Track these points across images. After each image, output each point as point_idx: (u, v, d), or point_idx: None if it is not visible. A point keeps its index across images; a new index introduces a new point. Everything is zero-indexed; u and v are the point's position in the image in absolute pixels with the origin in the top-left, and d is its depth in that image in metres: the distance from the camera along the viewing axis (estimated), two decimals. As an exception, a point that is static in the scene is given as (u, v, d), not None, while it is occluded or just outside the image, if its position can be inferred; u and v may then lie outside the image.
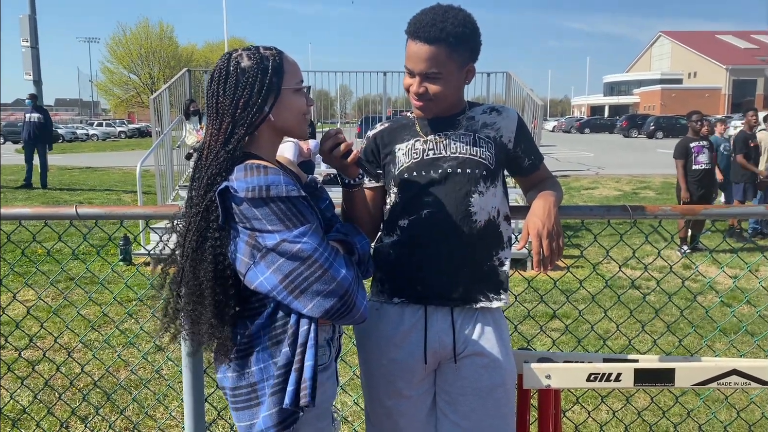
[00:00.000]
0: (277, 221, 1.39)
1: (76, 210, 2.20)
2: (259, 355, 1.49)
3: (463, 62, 1.73)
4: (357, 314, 1.48)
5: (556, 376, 2.04)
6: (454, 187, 1.76)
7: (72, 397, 3.59)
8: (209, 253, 1.45)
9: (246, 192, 1.38)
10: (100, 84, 57.39)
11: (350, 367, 3.85)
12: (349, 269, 1.46)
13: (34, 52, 16.67)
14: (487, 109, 1.89)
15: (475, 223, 1.76)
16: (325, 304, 1.42)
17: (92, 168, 19.12)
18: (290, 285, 1.41)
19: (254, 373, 1.49)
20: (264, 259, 1.41)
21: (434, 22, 1.66)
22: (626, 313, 4.96)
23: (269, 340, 1.49)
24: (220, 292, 1.47)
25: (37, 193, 12.49)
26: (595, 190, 13.32)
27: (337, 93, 14.09)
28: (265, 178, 1.39)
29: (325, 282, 1.41)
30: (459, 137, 1.81)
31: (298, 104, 1.55)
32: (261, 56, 1.51)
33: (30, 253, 6.16)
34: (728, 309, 5.21)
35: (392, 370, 1.81)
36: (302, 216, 1.42)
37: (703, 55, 61.58)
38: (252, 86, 1.48)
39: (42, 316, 4.81)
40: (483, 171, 1.78)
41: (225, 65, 1.51)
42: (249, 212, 1.40)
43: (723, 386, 2.12)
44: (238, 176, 1.40)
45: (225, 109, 1.49)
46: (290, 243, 1.39)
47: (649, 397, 3.47)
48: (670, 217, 2.34)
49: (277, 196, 1.39)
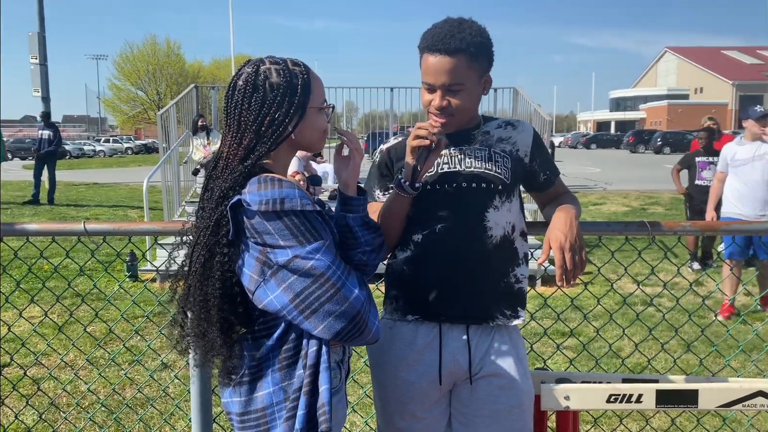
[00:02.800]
0: (290, 236, 1.35)
1: (84, 226, 2.17)
2: (268, 379, 1.43)
3: (482, 72, 1.72)
4: (369, 335, 1.43)
5: (575, 398, 1.98)
6: (469, 203, 1.74)
7: (77, 416, 3.53)
8: (217, 269, 1.40)
9: (260, 205, 1.34)
10: (108, 100, 57.91)
11: (360, 387, 3.78)
12: (362, 289, 1.41)
13: (42, 69, 16.81)
14: (502, 123, 1.86)
15: (490, 239, 1.74)
16: (336, 326, 1.36)
17: (99, 184, 19.19)
18: (301, 304, 1.35)
19: (264, 397, 1.43)
20: (275, 276, 1.36)
21: (453, 34, 1.64)
22: (640, 330, 4.88)
23: (279, 363, 1.43)
24: (228, 309, 1.42)
25: (43, 209, 12.51)
26: (603, 206, 13.25)
27: (343, 109, 14.15)
28: (280, 191, 1.35)
29: (337, 302, 1.36)
30: (474, 152, 1.78)
31: (320, 123, 1.53)
32: (291, 73, 1.47)
33: (35, 269, 6.14)
34: (742, 326, 5.13)
35: (406, 392, 1.77)
36: (316, 231, 1.37)
37: (709, 71, 61.67)
38: (280, 105, 1.44)
39: (47, 333, 4.77)
40: (498, 186, 1.75)
41: (253, 79, 1.45)
42: (261, 226, 1.35)
43: (748, 408, 2.05)
44: (252, 189, 1.36)
45: (248, 125, 1.44)
46: (302, 259, 1.34)
47: (669, 418, 3.39)
48: (689, 233, 2.29)
49: (291, 210, 1.35)
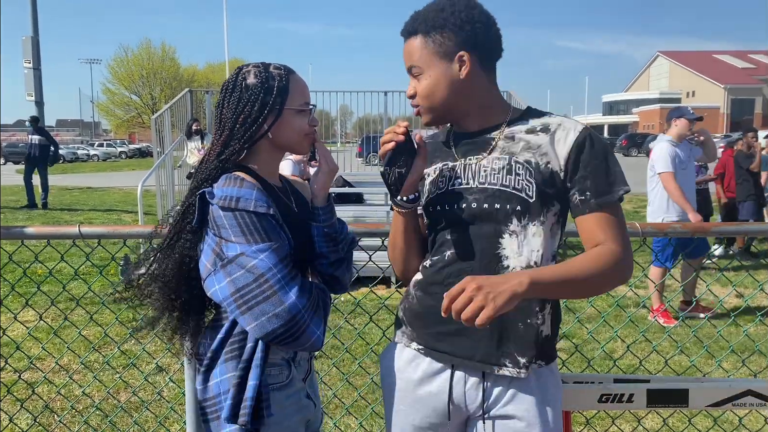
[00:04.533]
0: (240, 233, 1.43)
1: (79, 229, 2.18)
2: (216, 370, 1.53)
3: (444, 50, 1.47)
4: (306, 343, 1.47)
5: (568, 398, 2.00)
6: (482, 226, 1.48)
7: (71, 419, 3.53)
8: (177, 251, 1.53)
9: (219, 199, 1.44)
10: (101, 105, 57.77)
11: (355, 389, 3.79)
12: (302, 296, 1.45)
13: (36, 74, 16.79)
14: (537, 126, 1.51)
15: (506, 270, 1.46)
16: (268, 326, 1.42)
17: (92, 188, 19.13)
18: (240, 299, 1.43)
19: (213, 387, 1.54)
20: (224, 268, 1.44)
21: (416, 15, 1.51)
22: (632, 332, 4.91)
23: (226, 354, 1.52)
24: (185, 290, 1.56)
25: (37, 213, 12.47)
26: (597, 209, 13.28)
27: (337, 113, 14.14)
28: (238, 190, 1.45)
29: (272, 303, 1.41)
30: (492, 162, 1.50)
31: (299, 125, 1.58)
32: (268, 75, 1.55)
33: (29, 273, 6.12)
34: (733, 328, 5.17)
35: (414, 417, 1.59)
36: (265, 233, 1.44)
37: (701, 75, 61.99)
38: (253, 104, 1.53)
39: (41, 337, 4.76)
40: (517, 206, 1.45)
41: (233, 79, 1.57)
42: (219, 219, 1.45)
43: (738, 407, 2.08)
44: (219, 184, 1.47)
45: (225, 122, 1.55)
46: (248, 257, 1.42)
47: (660, 418, 3.41)
48: (680, 235, 2.32)
49: (244, 209, 1.43)
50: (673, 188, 5.19)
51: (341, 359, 4.31)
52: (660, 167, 5.26)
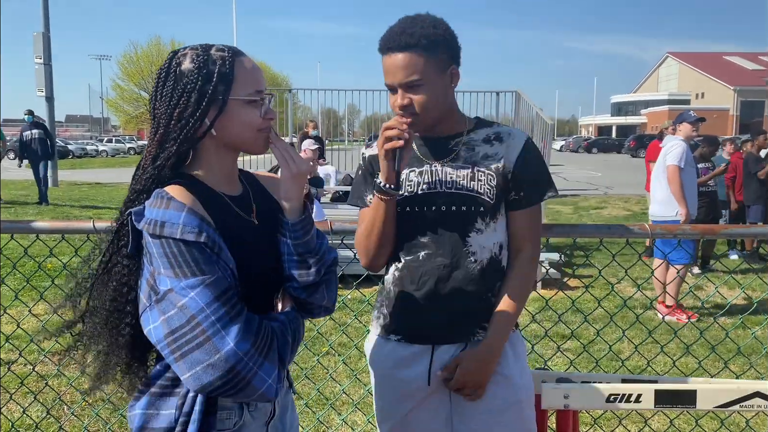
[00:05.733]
0: (168, 265, 1.19)
1: (93, 224, 2.21)
2: (142, 401, 1.33)
3: (442, 65, 1.63)
4: (254, 394, 1.21)
5: (575, 397, 2.01)
6: (450, 227, 1.68)
7: (81, 412, 3.57)
8: (113, 278, 1.30)
9: (145, 224, 1.21)
10: (111, 101, 57.86)
11: (363, 386, 3.82)
12: (243, 341, 1.18)
13: (47, 69, 16.89)
14: (491, 135, 1.74)
15: (475, 263, 1.69)
16: (204, 378, 1.17)
17: (102, 183, 19.23)
18: (173, 344, 1.18)
19: (134, 417, 1.33)
20: (158, 304, 1.20)
21: (403, 30, 1.60)
22: (639, 333, 4.92)
23: (153, 388, 1.32)
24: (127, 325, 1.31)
25: (47, 208, 12.55)
26: (604, 210, 13.28)
27: (345, 111, 14.18)
28: (163, 212, 1.20)
29: (206, 352, 1.16)
30: (457, 169, 1.69)
31: (248, 118, 1.32)
32: (207, 59, 1.29)
33: (35, 267, 6.16)
34: (741, 330, 5.16)
35: (402, 389, 1.77)
36: (195, 265, 1.19)
37: (711, 76, 61.63)
38: (190, 94, 1.27)
39: (48, 331, 4.80)
40: (481, 207, 1.68)
41: (167, 65, 1.32)
42: (149, 246, 1.21)
43: (745, 409, 2.09)
44: (148, 203, 1.23)
45: (159, 117, 1.30)
46: (176, 294, 1.18)
47: (667, 419, 3.42)
48: (689, 237, 2.34)
49: (170, 236, 1.18)
50: (676, 182, 5.39)
51: (349, 356, 4.34)
52: (670, 160, 5.46)
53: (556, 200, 14.69)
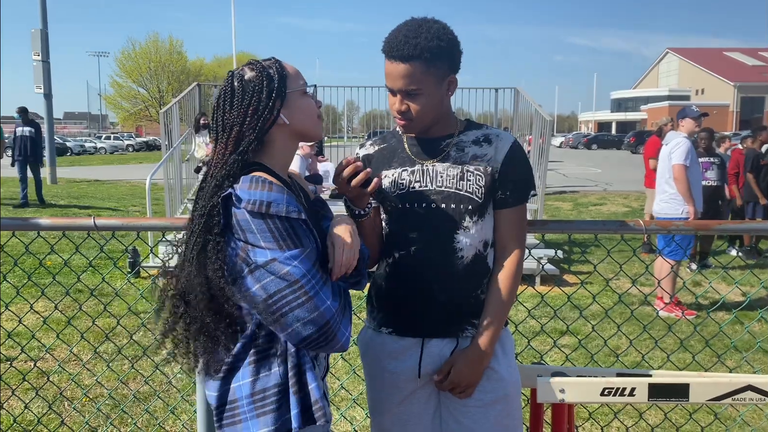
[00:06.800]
0: (272, 239, 1.38)
1: (94, 221, 2.23)
2: (239, 374, 1.47)
3: (442, 75, 1.68)
4: (337, 345, 1.45)
5: (571, 391, 2.04)
6: (439, 224, 1.74)
7: (82, 408, 3.60)
8: (212, 254, 1.42)
9: (247, 204, 1.38)
10: (109, 98, 57.91)
11: (362, 381, 3.84)
12: (335, 299, 1.44)
13: (45, 66, 16.87)
14: (480, 137, 1.80)
15: (461, 260, 1.75)
16: (303, 333, 1.40)
17: (100, 181, 19.22)
18: (273, 306, 1.39)
19: (234, 390, 1.47)
20: (252, 274, 1.40)
21: (407, 39, 1.62)
22: (636, 329, 4.95)
23: (250, 358, 1.47)
24: (222, 293, 1.43)
25: (44, 206, 12.53)
26: (603, 206, 13.30)
27: (344, 108, 14.18)
28: (268, 194, 1.39)
29: (307, 310, 1.39)
30: (446, 169, 1.76)
31: (307, 105, 1.56)
32: (262, 66, 1.53)
33: (34, 264, 6.19)
34: (738, 326, 5.19)
35: (392, 381, 1.82)
36: (297, 239, 1.41)
37: (711, 72, 61.55)
38: (260, 93, 1.49)
39: (55, 327, 4.83)
40: (469, 206, 1.74)
41: (230, 83, 1.52)
42: (246, 224, 1.39)
43: (738, 402, 2.12)
44: (243, 186, 1.40)
45: (234, 122, 1.48)
46: (280, 263, 1.38)
47: (662, 413, 3.45)
48: (683, 233, 2.36)
49: (276, 214, 1.39)
50: (683, 182, 5.43)
51: (348, 351, 4.36)
52: (676, 159, 5.48)
53: (556, 196, 14.72)
